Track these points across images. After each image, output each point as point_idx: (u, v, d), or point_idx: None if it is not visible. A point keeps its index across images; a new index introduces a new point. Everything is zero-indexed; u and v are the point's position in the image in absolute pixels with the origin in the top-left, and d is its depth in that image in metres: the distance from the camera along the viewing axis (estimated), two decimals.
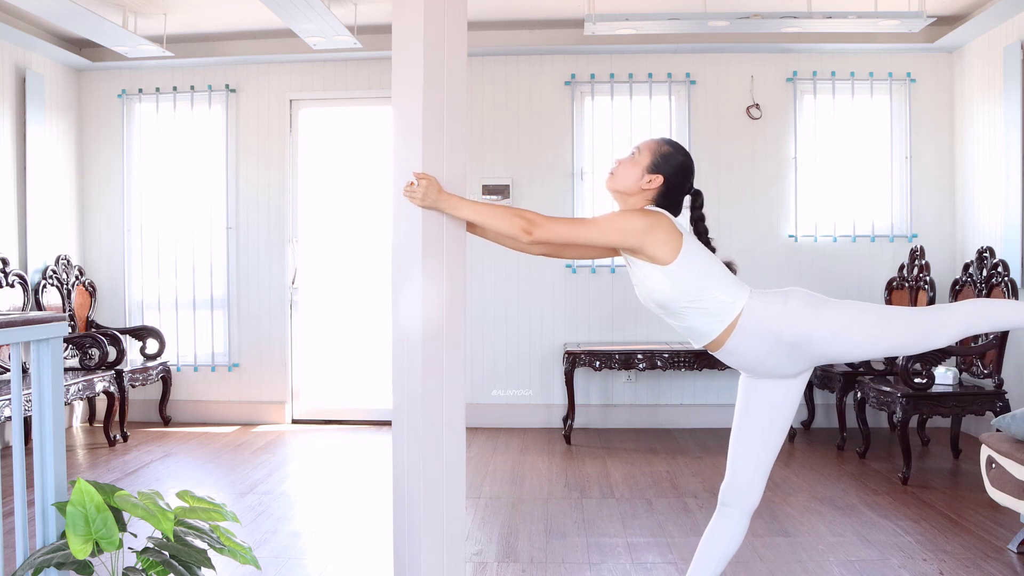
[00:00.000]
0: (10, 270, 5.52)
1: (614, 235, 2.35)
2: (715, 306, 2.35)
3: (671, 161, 2.46)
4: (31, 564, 2.13)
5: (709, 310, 2.35)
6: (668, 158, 2.46)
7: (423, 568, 2.54)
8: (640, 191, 2.46)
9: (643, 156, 2.46)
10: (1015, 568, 3.30)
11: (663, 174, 2.45)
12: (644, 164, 2.45)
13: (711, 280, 2.36)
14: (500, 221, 2.42)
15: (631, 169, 2.46)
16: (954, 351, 4.77)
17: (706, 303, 2.35)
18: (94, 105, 6.53)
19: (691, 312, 2.37)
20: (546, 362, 6.25)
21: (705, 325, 2.38)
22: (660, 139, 2.51)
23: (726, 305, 2.35)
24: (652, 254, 2.34)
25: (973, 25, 5.51)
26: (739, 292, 2.36)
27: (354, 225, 6.52)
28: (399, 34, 2.59)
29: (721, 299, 2.35)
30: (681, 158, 2.48)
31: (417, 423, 2.55)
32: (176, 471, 5.01)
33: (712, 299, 2.35)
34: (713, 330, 2.38)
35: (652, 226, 2.33)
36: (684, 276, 2.34)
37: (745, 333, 2.35)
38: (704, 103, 6.20)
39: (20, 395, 2.28)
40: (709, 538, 2.57)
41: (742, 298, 2.35)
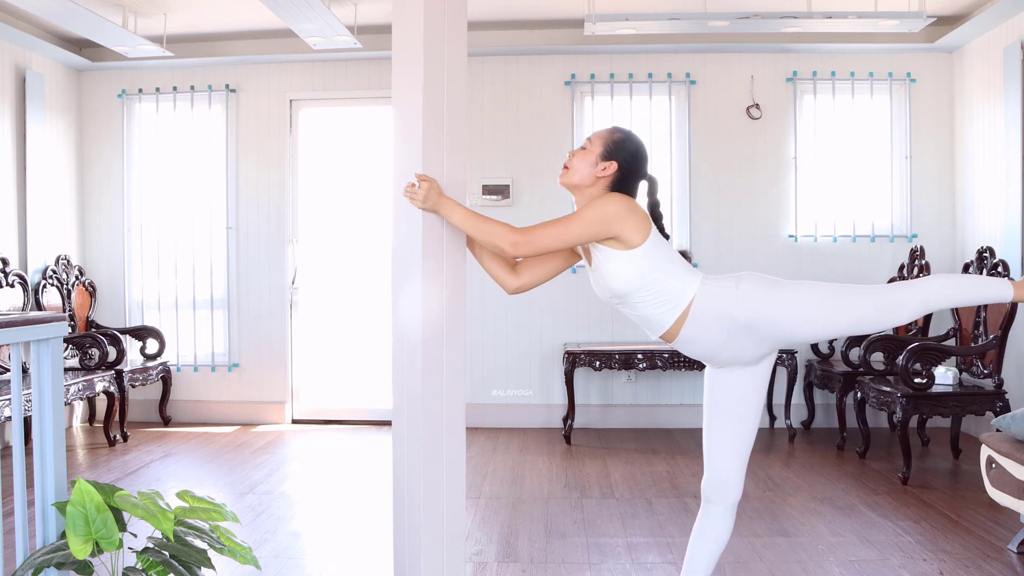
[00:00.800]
0: (10, 270, 5.52)
1: (598, 226, 2.33)
2: (668, 294, 2.35)
3: (623, 147, 2.46)
4: (31, 564, 2.13)
5: (662, 299, 2.36)
6: (620, 144, 2.46)
7: (423, 568, 2.54)
8: (595, 180, 2.46)
9: (595, 145, 2.47)
10: (1015, 568, 3.30)
11: (616, 160, 2.44)
12: (597, 152, 2.46)
13: (669, 268, 2.36)
14: (485, 235, 2.39)
15: (584, 160, 2.47)
16: (954, 351, 4.77)
17: (661, 292, 2.35)
18: (94, 105, 6.53)
19: (646, 301, 2.37)
20: (546, 362, 6.25)
21: (658, 314, 2.38)
22: (611, 127, 2.51)
23: (678, 293, 2.35)
24: (627, 238, 2.33)
25: (973, 25, 5.51)
26: (692, 279, 2.37)
27: (354, 225, 6.52)
28: (399, 34, 2.59)
29: (675, 287, 2.35)
30: (634, 144, 2.48)
31: (417, 423, 2.55)
32: (176, 471, 5.01)
33: (667, 287, 2.35)
34: (666, 319, 2.38)
35: (630, 208, 2.35)
36: (646, 263, 2.34)
37: (698, 321, 2.36)
38: (704, 103, 6.20)
39: (20, 395, 2.28)
40: (697, 536, 2.58)
41: (694, 285, 2.36)
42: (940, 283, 2.40)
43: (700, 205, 6.18)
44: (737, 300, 2.34)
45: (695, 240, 6.16)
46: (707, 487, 2.56)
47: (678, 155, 6.18)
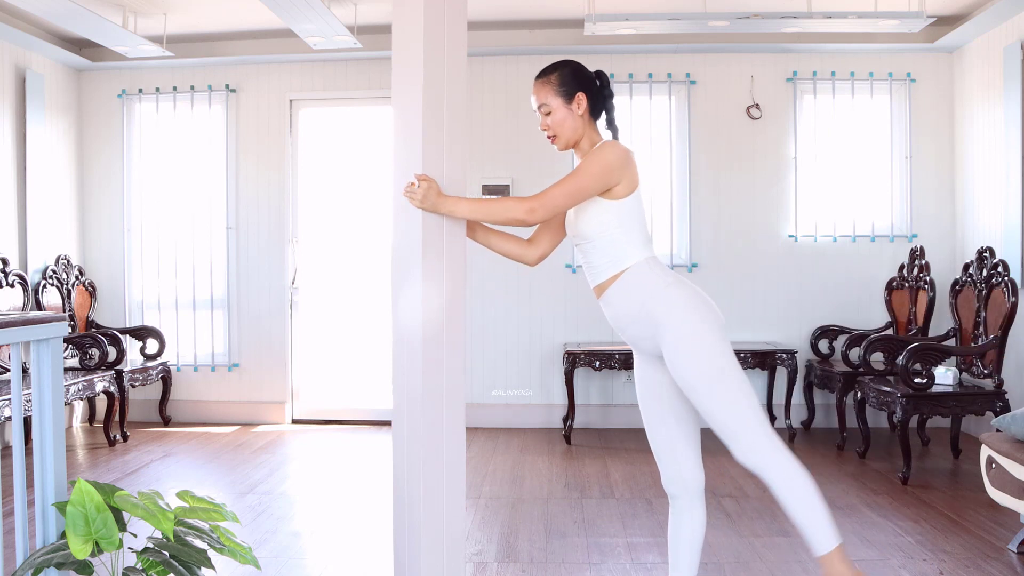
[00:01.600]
0: (10, 270, 5.52)
1: (605, 177, 2.39)
2: (616, 252, 2.43)
3: (568, 78, 2.49)
4: (31, 564, 2.13)
5: (610, 254, 2.44)
6: (564, 80, 2.49)
7: (423, 568, 2.54)
8: (582, 121, 2.50)
9: (552, 101, 2.48)
10: (1015, 568, 3.30)
11: (578, 90, 2.48)
12: (560, 104, 2.48)
13: (630, 231, 2.43)
14: (500, 214, 2.45)
15: (558, 116, 2.49)
16: (954, 351, 4.77)
17: (612, 247, 2.43)
18: (94, 105, 6.53)
19: (598, 249, 2.45)
20: (546, 362, 6.25)
21: (600, 265, 2.47)
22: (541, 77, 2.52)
23: (623, 255, 2.43)
24: (618, 190, 2.41)
25: (973, 25, 5.51)
26: (640, 250, 2.44)
27: (354, 225, 6.52)
28: (399, 34, 2.59)
29: (624, 249, 2.43)
30: (568, 67, 2.51)
31: (417, 423, 2.55)
32: (176, 471, 5.01)
33: (618, 246, 2.43)
34: (603, 273, 2.47)
35: (627, 159, 2.41)
36: (613, 216, 2.41)
37: (623, 287, 2.44)
38: (704, 103, 6.20)
39: (20, 395, 2.28)
40: (673, 534, 2.60)
41: (638, 256, 2.43)
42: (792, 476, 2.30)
43: (700, 205, 6.18)
44: (656, 295, 2.40)
45: (695, 240, 6.16)
46: (667, 483, 2.58)
47: (678, 155, 6.18)
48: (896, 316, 5.84)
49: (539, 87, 2.51)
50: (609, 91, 2.55)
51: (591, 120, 2.53)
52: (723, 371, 2.33)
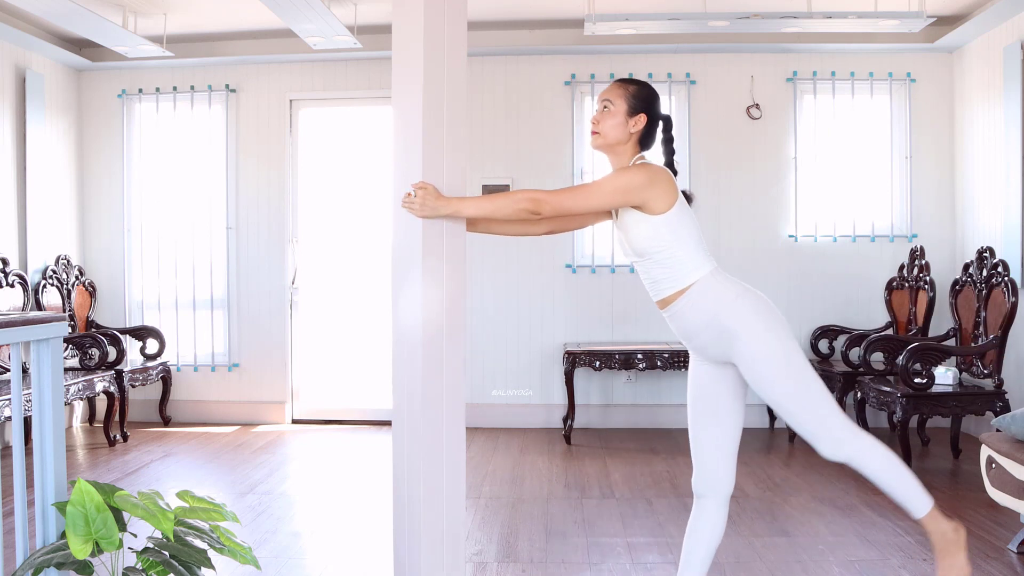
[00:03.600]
0: (10, 270, 5.52)
1: (619, 196, 2.43)
2: (678, 267, 2.45)
3: (643, 96, 2.53)
4: (31, 564, 2.13)
5: (673, 267, 2.46)
6: (639, 95, 2.53)
7: (423, 568, 2.54)
8: (629, 136, 2.52)
9: (618, 104, 2.52)
10: (1015, 568, 3.30)
11: (644, 112, 2.52)
12: (623, 111, 2.51)
13: (687, 244, 2.45)
14: (506, 209, 2.47)
15: (613, 119, 2.52)
16: (954, 351, 4.77)
17: (672, 262, 2.45)
18: (94, 105, 6.53)
19: (659, 263, 2.47)
20: (546, 362, 6.25)
21: (664, 280, 2.48)
22: (621, 81, 2.56)
23: (687, 270, 2.45)
24: (651, 205, 2.42)
25: (973, 25, 5.51)
26: (703, 263, 2.47)
27: (354, 225, 6.52)
28: (399, 34, 2.59)
29: (686, 263, 2.45)
30: (649, 89, 2.56)
31: (417, 423, 2.55)
32: (176, 471, 5.01)
33: (679, 260, 2.45)
34: (668, 288, 2.48)
35: (652, 179, 2.42)
36: (666, 230, 2.43)
37: (691, 301, 2.45)
38: (704, 103, 6.20)
39: (20, 395, 2.28)
40: (691, 532, 2.61)
41: (703, 270, 2.46)
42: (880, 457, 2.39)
43: (700, 205, 6.17)
44: (729, 307, 2.42)
45: None
46: (697, 482, 2.59)
47: (678, 155, 6.16)
48: (896, 316, 5.84)
49: (615, 87, 2.54)
50: (669, 136, 2.60)
51: (637, 145, 2.55)
52: (799, 375, 2.40)
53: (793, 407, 2.40)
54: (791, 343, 2.42)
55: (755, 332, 2.40)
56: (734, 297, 2.43)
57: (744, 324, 2.40)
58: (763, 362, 2.40)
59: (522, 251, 6.19)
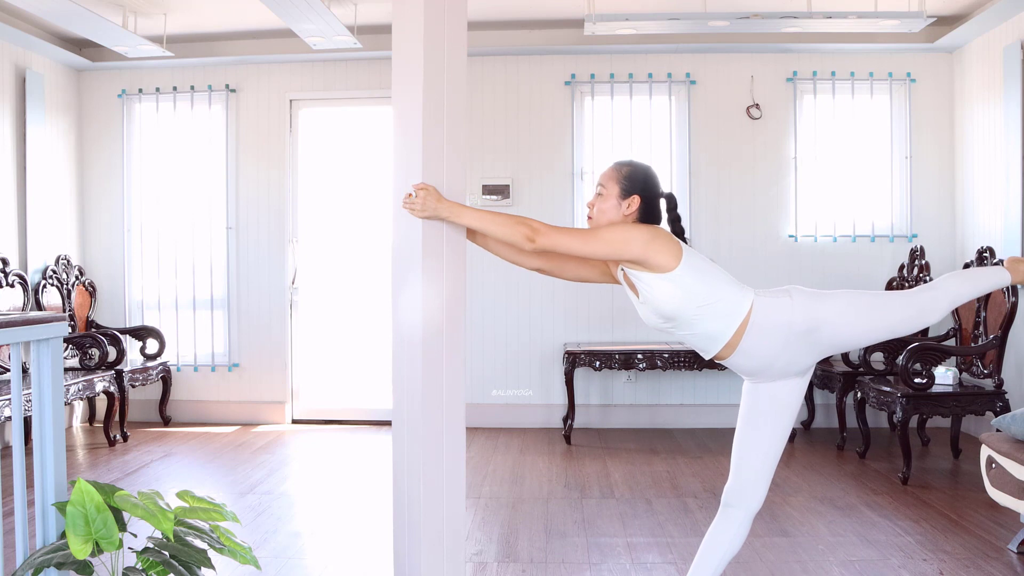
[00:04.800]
0: (10, 270, 5.52)
1: (619, 245, 2.37)
2: (725, 306, 2.36)
3: (636, 178, 2.50)
4: (31, 564, 2.13)
5: (720, 311, 2.36)
6: (632, 177, 2.49)
7: (423, 568, 2.54)
8: (624, 218, 2.49)
9: (610, 187, 2.49)
10: (1015, 568, 3.30)
11: (636, 193, 2.48)
12: (615, 194, 2.49)
13: (717, 283, 2.38)
14: (503, 228, 2.43)
15: (606, 203, 2.50)
16: (954, 351, 4.77)
17: (716, 305, 2.36)
18: (94, 105, 6.53)
19: (703, 316, 2.37)
20: (546, 362, 6.25)
21: (718, 327, 2.38)
22: (615, 164, 2.55)
23: (736, 304, 2.37)
24: (657, 262, 2.35)
25: (973, 25, 5.51)
26: (745, 291, 2.40)
27: (354, 225, 6.52)
28: (399, 34, 2.59)
29: (730, 299, 2.37)
30: (643, 171, 2.52)
31: (417, 423, 2.55)
32: (176, 471, 5.01)
33: (721, 300, 2.36)
34: (727, 331, 2.38)
35: (652, 235, 2.38)
36: (690, 280, 2.36)
37: (760, 330, 2.37)
38: (704, 103, 6.19)
39: (20, 395, 2.28)
40: (711, 539, 2.58)
41: (749, 296, 2.39)
42: (957, 281, 2.55)
43: (700, 205, 6.18)
44: (794, 308, 2.39)
45: (695, 240, 6.16)
46: (730, 493, 2.56)
47: (678, 155, 6.18)
48: None
49: (610, 171, 2.53)
50: (674, 214, 2.55)
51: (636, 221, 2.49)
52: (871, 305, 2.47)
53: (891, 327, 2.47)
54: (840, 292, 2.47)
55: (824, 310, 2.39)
56: (790, 299, 2.40)
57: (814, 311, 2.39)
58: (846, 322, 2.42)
59: None
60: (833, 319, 2.40)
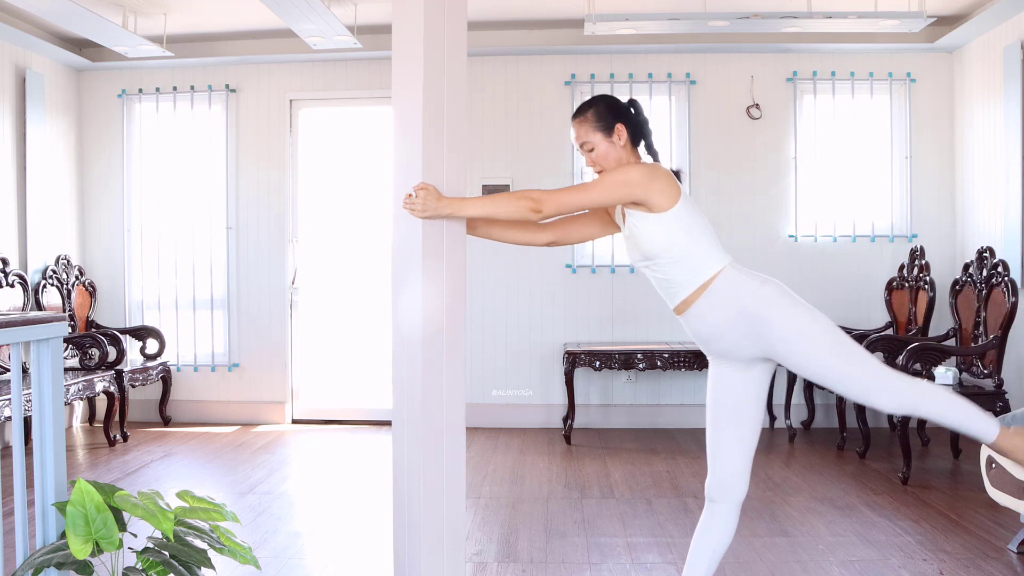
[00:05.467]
0: (10, 270, 5.52)
1: (621, 189, 2.40)
2: (695, 262, 2.41)
3: (604, 112, 2.51)
4: (31, 564, 2.13)
5: (689, 266, 2.41)
6: (600, 115, 2.51)
7: (423, 568, 2.54)
8: (624, 151, 2.51)
9: (593, 137, 2.50)
10: (1015, 568, 3.31)
11: (617, 122, 2.50)
12: (601, 136, 2.50)
13: (700, 237, 2.43)
14: (507, 208, 2.46)
15: (601, 149, 2.50)
16: (954, 351, 4.77)
17: (689, 258, 2.41)
18: (94, 105, 6.53)
19: (673, 264, 2.43)
20: (546, 362, 6.25)
21: (682, 280, 2.43)
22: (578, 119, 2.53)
23: (705, 264, 2.41)
24: (655, 202, 2.40)
25: (973, 25, 5.51)
26: (721, 256, 2.44)
27: (354, 225, 6.52)
28: (399, 34, 2.59)
29: (704, 257, 2.41)
30: (602, 102, 2.54)
31: (417, 423, 2.55)
32: (176, 471, 5.01)
33: (695, 255, 2.41)
34: (688, 287, 2.43)
35: (653, 174, 2.41)
36: (677, 226, 2.41)
37: (716, 297, 2.41)
38: (704, 103, 6.20)
39: (20, 395, 2.28)
40: (700, 535, 2.59)
41: (723, 261, 2.43)
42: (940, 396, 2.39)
43: (700, 205, 6.13)
44: (756, 294, 2.39)
45: None
46: (711, 487, 2.58)
47: (678, 155, 6.18)
48: (896, 316, 5.84)
49: (577, 126, 2.52)
50: (644, 117, 2.57)
51: (633, 149, 2.55)
52: (840, 342, 2.38)
53: (842, 373, 2.37)
54: (823, 317, 2.40)
55: (787, 311, 2.37)
56: (759, 284, 2.40)
57: (775, 306, 2.37)
58: (802, 337, 2.36)
59: (522, 251, 6.19)
60: (789, 326, 2.36)
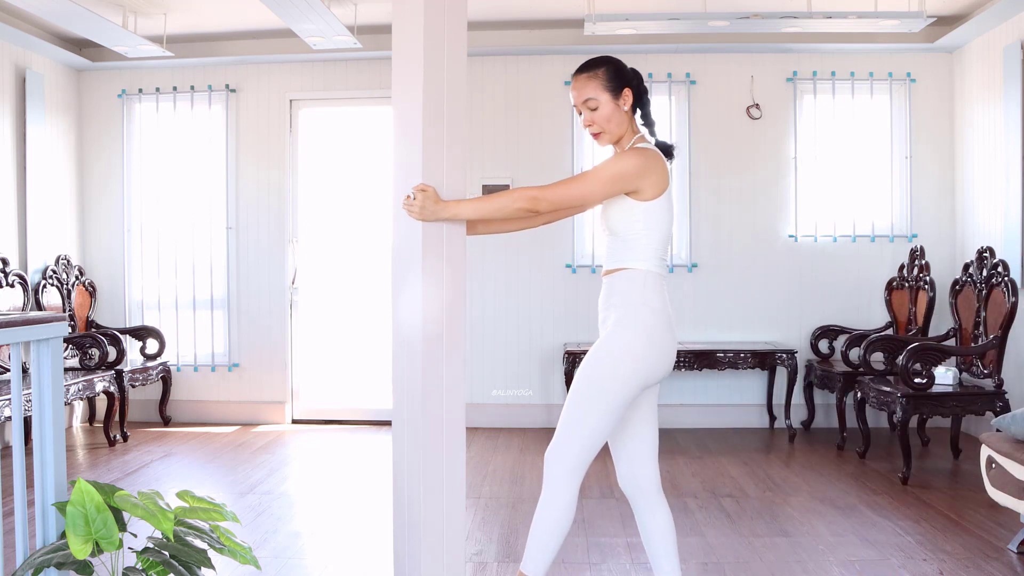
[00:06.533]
0: (10, 270, 5.52)
1: (615, 185, 2.42)
2: (634, 250, 2.45)
3: (617, 74, 2.50)
4: (31, 564, 2.13)
5: (628, 249, 2.46)
6: (612, 73, 2.49)
7: (423, 568, 2.54)
8: (626, 117, 2.52)
9: (600, 96, 2.47)
10: (1015, 568, 3.30)
11: (624, 85, 2.50)
12: (608, 96, 2.48)
13: (652, 236, 2.45)
14: (504, 208, 2.47)
15: (606, 110, 2.48)
16: (954, 351, 4.77)
17: (632, 244, 2.46)
18: (94, 105, 6.53)
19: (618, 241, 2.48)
20: (546, 362, 6.25)
21: (618, 256, 2.49)
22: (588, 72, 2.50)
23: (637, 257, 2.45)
24: (640, 192, 2.43)
25: (973, 25, 5.51)
26: (652, 261, 2.46)
27: (354, 225, 6.52)
28: (399, 34, 2.59)
29: (641, 251, 2.45)
30: (614, 62, 2.52)
31: (417, 423, 2.55)
32: (176, 471, 5.01)
33: (638, 246, 2.45)
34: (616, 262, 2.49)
35: (648, 167, 2.42)
36: (641, 216, 2.43)
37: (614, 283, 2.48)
38: (704, 103, 6.19)
39: (20, 395, 2.28)
40: (643, 537, 2.62)
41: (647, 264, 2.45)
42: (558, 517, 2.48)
43: (700, 205, 6.18)
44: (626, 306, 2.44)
45: (695, 240, 6.16)
46: (621, 482, 2.68)
47: (678, 155, 6.18)
48: (896, 316, 5.84)
49: (585, 81, 2.48)
50: (644, 87, 2.57)
51: (632, 116, 2.55)
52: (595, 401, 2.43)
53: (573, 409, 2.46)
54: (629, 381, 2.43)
55: (612, 340, 2.43)
56: (640, 304, 2.43)
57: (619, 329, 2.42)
58: (590, 364, 2.44)
59: (522, 251, 6.19)
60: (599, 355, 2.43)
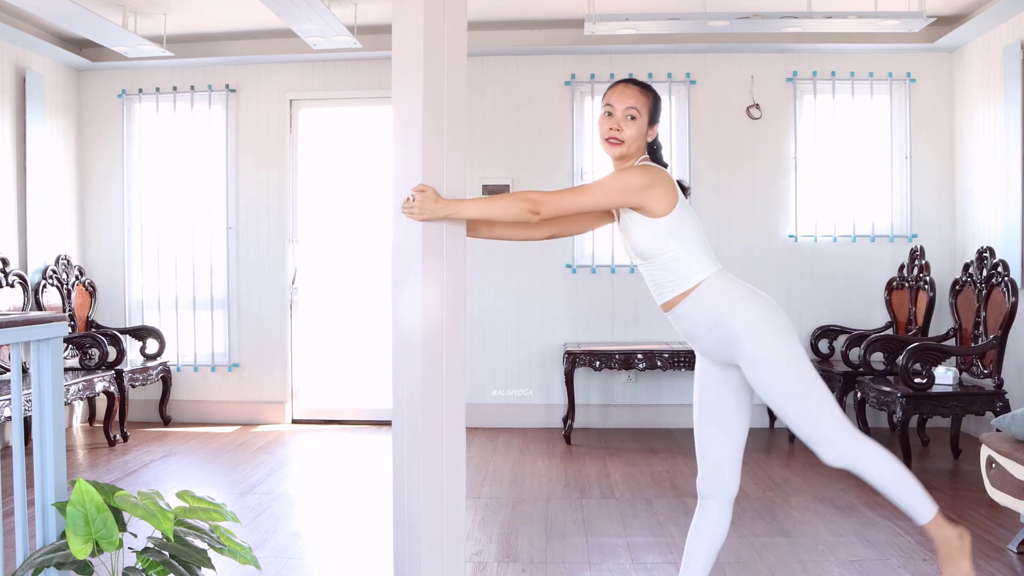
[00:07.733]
0: (10, 270, 5.52)
1: (619, 195, 2.42)
2: (683, 268, 2.44)
3: (659, 105, 2.55)
4: (31, 564, 2.13)
5: (676, 270, 2.44)
6: (657, 105, 2.54)
7: (423, 568, 2.54)
8: (643, 147, 2.53)
9: (644, 114, 2.49)
10: (1015, 568, 3.30)
11: (658, 122, 2.54)
12: (647, 119, 2.50)
13: (690, 247, 2.43)
14: (506, 210, 2.47)
15: (636, 129, 2.49)
16: (954, 351, 4.77)
17: (676, 266, 2.44)
18: (94, 105, 6.53)
19: (662, 267, 2.46)
20: (546, 362, 6.25)
21: (667, 283, 2.47)
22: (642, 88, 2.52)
23: (690, 273, 2.43)
24: (650, 207, 2.42)
25: (973, 25, 5.51)
26: (707, 265, 2.45)
27: (354, 225, 6.52)
28: (399, 34, 2.59)
29: (689, 266, 2.43)
30: (661, 99, 2.56)
31: (417, 423, 2.55)
32: (176, 471, 5.01)
33: (682, 263, 2.43)
34: (673, 290, 2.46)
35: (653, 181, 2.42)
36: (668, 233, 2.42)
37: (695, 303, 2.44)
38: (704, 103, 6.19)
39: (20, 395, 2.28)
40: (695, 533, 2.61)
41: (706, 271, 2.44)
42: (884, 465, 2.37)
43: (700, 205, 6.17)
44: (733, 307, 2.41)
45: None
46: (702, 483, 2.59)
47: (678, 155, 6.18)
48: (896, 316, 5.84)
49: (636, 93, 2.50)
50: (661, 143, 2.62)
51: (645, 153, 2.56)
52: (802, 380, 2.38)
53: (795, 413, 2.38)
54: (795, 348, 2.39)
55: (759, 335, 2.38)
56: (738, 299, 2.41)
57: (748, 327, 2.39)
58: (766, 366, 2.38)
59: (522, 251, 6.19)
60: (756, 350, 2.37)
